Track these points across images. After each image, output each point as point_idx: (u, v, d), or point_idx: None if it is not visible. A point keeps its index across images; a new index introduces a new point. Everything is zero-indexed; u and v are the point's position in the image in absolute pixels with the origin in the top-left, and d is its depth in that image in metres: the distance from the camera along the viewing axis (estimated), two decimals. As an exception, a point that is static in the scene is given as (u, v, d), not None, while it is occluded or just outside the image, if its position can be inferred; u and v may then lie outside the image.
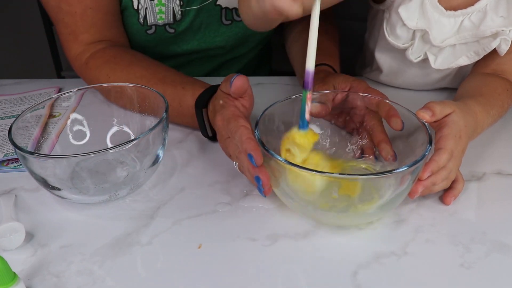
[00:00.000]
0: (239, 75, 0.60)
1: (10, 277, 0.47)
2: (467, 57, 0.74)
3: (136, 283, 0.51)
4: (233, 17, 0.90)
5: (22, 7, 2.24)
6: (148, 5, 0.83)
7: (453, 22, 0.72)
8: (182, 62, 0.96)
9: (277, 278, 0.51)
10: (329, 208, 0.55)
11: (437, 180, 0.57)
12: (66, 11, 0.78)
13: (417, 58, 0.76)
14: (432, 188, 0.58)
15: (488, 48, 0.72)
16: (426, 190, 0.58)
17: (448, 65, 0.75)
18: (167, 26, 0.87)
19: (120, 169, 0.63)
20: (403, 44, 0.75)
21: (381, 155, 0.63)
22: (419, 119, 0.58)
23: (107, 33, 0.81)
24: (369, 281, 0.50)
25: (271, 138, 0.62)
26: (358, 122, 0.67)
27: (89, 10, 0.79)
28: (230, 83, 0.60)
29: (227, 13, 0.89)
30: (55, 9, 0.79)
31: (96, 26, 0.80)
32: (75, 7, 0.78)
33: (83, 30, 0.79)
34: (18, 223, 0.56)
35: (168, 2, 0.84)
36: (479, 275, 0.51)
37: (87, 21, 0.79)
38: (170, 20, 0.86)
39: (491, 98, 0.68)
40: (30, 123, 0.66)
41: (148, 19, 0.85)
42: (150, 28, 0.86)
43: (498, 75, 0.74)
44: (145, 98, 0.68)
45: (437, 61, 0.75)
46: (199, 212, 0.60)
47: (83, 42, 0.80)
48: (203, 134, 0.71)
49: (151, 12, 0.84)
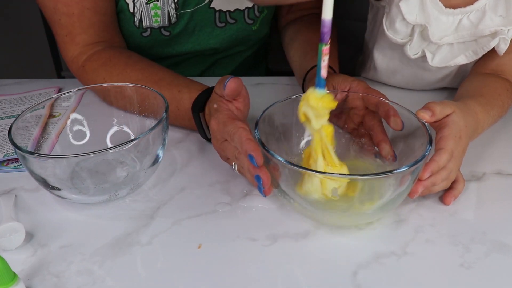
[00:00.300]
0: (232, 77, 0.60)
1: (10, 277, 0.47)
2: (465, 56, 0.74)
3: (136, 283, 0.51)
4: (226, 20, 0.90)
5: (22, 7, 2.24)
6: (143, 8, 0.83)
7: (452, 20, 0.72)
8: (177, 62, 0.96)
9: (277, 278, 0.51)
10: (329, 208, 0.55)
11: (437, 180, 0.57)
12: (63, 12, 0.78)
13: (415, 55, 0.76)
14: (432, 188, 0.58)
15: (487, 48, 0.72)
16: (426, 191, 0.58)
17: (445, 63, 0.75)
18: (162, 29, 0.87)
19: (120, 169, 0.63)
20: (401, 39, 0.75)
21: (381, 155, 0.63)
22: (419, 119, 0.58)
23: (105, 34, 0.81)
24: (369, 281, 0.50)
25: (271, 138, 0.62)
26: (358, 122, 0.67)
27: (87, 11, 0.78)
28: (224, 85, 0.60)
29: (221, 15, 0.89)
30: (51, 10, 0.78)
31: (94, 27, 0.80)
32: (73, 8, 0.77)
33: (81, 31, 0.79)
34: (18, 223, 0.56)
35: (163, 5, 0.84)
36: (479, 275, 0.51)
37: (84, 22, 0.79)
38: (166, 23, 0.86)
39: (492, 99, 0.68)
40: (30, 123, 0.66)
41: (144, 22, 0.85)
42: (146, 30, 0.86)
43: (498, 75, 0.74)
44: (145, 98, 0.68)
45: (435, 59, 0.75)
46: (199, 212, 0.60)
47: (80, 43, 0.80)
48: (203, 136, 0.71)
49: (146, 15, 0.84)
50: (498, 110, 0.68)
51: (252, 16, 0.91)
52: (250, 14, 0.91)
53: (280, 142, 0.64)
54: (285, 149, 0.65)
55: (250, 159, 0.54)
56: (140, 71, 0.75)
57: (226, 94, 0.61)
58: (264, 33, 0.99)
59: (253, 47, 1.02)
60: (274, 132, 0.63)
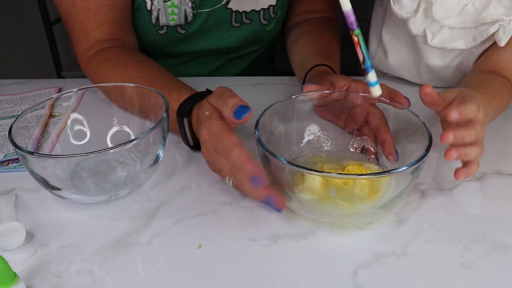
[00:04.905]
0: (248, 108, 0.57)
1: (10, 277, 0.47)
2: (464, 41, 0.76)
3: (136, 283, 0.51)
4: (242, 20, 0.91)
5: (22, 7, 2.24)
6: (161, 6, 0.84)
7: (457, 1, 0.73)
8: (189, 59, 0.97)
9: (277, 278, 0.51)
10: (329, 208, 0.55)
11: (465, 136, 0.54)
12: (80, 7, 0.79)
13: (417, 31, 0.77)
14: (464, 152, 0.55)
15: (486, 34, 0.73)
16: (461, 154, 0.55)
17: (444, 45, 0.76)
18: (178, 27, 0.88)
19: (120, 169, 0.64)
20: (406, 14, 0.76)
21: (383, 154, 0.63)
22: (420, 120, 0.58)
23: (117, 32, 0.82)
24: (369, 281, 0.50)
25: (271, 138, 0.62)
26: (361, 123, 0.67)
27: (103, 8, 0.79)
28: (238, 114, 0.56)
29: (237, 16, 0.90)
30: (68, 6, 0.80)
31: (107, 24, 0.80)
32: (90, 4, 0.79)
33: (94, 27, 0.80)
34: (18, 223, 0.56)
35: (180, 4, 0.85)
36: (479, 275, 0.51)
37: (99, 18, 0.80)
38: (182, 21, 0.87)
39: (491, 90, 0.69)
40: (30, 123, 0.66)
41: (161, 20, 0.86)
42: (162, 28, 0.87)
43: (497, 72, 0.75)
44: (145, 98, 0.68)
45: (435, 39, 0.76)
46: (199, 212, 0.60)
47: (92, 39, 0.81)
48: (185, 142, 0.69)
49: (163, 13, 0.85)
50: (498, 103, 0.69)
51: (267, 17, 0.92)
52: (265, 15, 0.92)
53: (280, 142, 0.64)
54: (285, 149, 0.65)
55: (253, 181, 0.53)
56: (140, 69, 0.76)
57: (235, 122, 0.57)
58: (276, 32, 1.00)
59: (264, 47, 1.03)
60: (274, 132, 0.63)
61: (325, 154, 0.66)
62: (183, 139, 0.69)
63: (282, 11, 0.95)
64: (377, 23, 0.88)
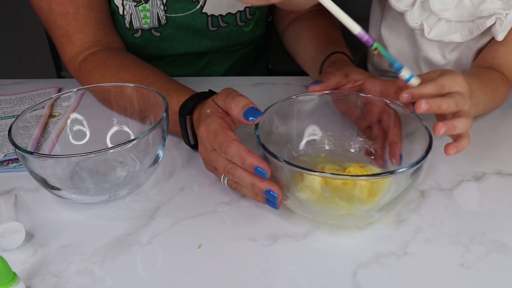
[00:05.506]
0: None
1: (10, 277, 0.47)
2: (460, 34, 0.76)
3: (136, 283, 0.51)
4: (219, 24, 0.90)
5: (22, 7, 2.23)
6: (133, 11, 0.84)
7: None
8: (172, 60, 0.96)
9: (277, 278, 0.51)
10: (325, 209, 0.55)
11: (442, 104, 0.55)
12: (57, 12, 0.77)
13: (415, 23, 0.77)
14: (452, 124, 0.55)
15: (482, 27, 0.74)
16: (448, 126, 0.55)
17: (441, 38, 0.76)
18: (152, 30, 0.88)
19: (120, 169, 0.64)
20: (404, 7, 0.77)
21: (389, 156, 0.63)
22: (421, 120, 0.58)
23: (100, 33, 0.81)
24: (369, 281, 0.50)
25: (271, 139, 0.62)
26: (371, 120, 0.65)
27: (82, 9, 0.78)
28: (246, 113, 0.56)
29: (213, 20, 0.89)
30: (46, 12, 0.78)
31: (89, 25, 0.79)
32: (67, 6, 0.77)
33: (77, 30, 0.79)
34: (18, 223, 0.56)
35: (152, 7, 0.84)
36: (479, 275, 0.51)
37: (80, 20, 0.78)
38: (156, 24, 0.87)
39: (485, 80, 0.70)
40: (30, 123, 0.66)
41: (134, 24, 0.86)
42: (137, 32, 0.87)
43: (494, 68, 0.75)
44: (145, 98, 0.68)
45: (432, 32, 0.77)
46: (199, 212, 0.60)
47: (76, 43, 0.79)
48: (186, 142, 0.69)
49: (136, 17, 0.85)
50: (492, 92, 0.69)
51: (244, 19, 0.92)
52: (241, 17, 0.91)
53: (280, 143, 0.64)
54: (285, 150, 0.65)
55: (257, 172, 0.53)
56: (133, 73, 0.75)
57: (242, 121, 0.57)
58: (259, 33, 0.99)
59: (249, 46, 1.02)
60: (274, 132, 0.63)
61: (326, 154, 0.66)
62: (183, 138, 0.68)
63: (261, 11, 0.94)
64: (376, 19, 0.89)
